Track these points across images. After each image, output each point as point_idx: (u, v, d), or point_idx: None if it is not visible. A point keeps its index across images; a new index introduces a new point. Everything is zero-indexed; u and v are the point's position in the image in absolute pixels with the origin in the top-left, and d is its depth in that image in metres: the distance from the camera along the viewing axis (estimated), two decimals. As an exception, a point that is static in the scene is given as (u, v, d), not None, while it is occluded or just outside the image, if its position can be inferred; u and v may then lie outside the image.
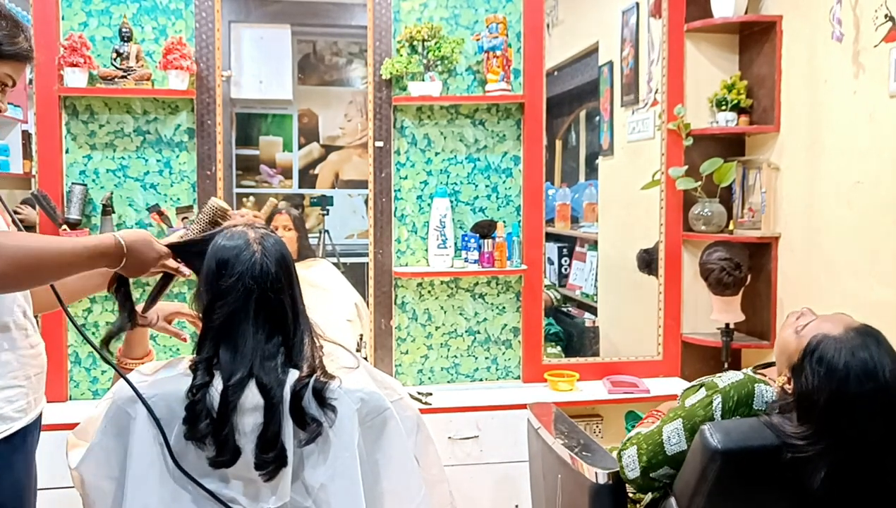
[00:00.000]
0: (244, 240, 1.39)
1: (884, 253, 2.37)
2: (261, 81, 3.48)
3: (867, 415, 1.47)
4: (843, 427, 1.48)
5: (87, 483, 1.40)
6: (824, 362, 1.50)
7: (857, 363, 1.48)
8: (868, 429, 1.48)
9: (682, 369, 3.13)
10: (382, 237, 2.98)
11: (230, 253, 1.38)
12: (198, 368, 1.35)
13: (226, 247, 1.39)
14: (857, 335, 1.52)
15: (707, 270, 2.94)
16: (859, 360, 1.48)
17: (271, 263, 1.38)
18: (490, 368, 3.09)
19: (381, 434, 1.44)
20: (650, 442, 1.70)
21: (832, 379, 1.48)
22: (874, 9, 2.38)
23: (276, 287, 1.38)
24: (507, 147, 3.04)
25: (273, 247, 1.41)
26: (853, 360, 1.48)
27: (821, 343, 1.52)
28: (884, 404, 1.48)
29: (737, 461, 1.54)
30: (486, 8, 2.98)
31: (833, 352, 1.50)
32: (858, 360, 1.48)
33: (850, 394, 1.47)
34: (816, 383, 1.50)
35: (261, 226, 1.46)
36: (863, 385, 1.47)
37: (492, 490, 2.77)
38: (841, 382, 1.48)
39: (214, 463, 1.33)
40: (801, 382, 1.53)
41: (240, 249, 1.38)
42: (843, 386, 1.48)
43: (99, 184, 2.80)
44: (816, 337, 1.54)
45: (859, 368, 1.47)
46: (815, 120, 2.72)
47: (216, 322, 1.36)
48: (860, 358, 1.48)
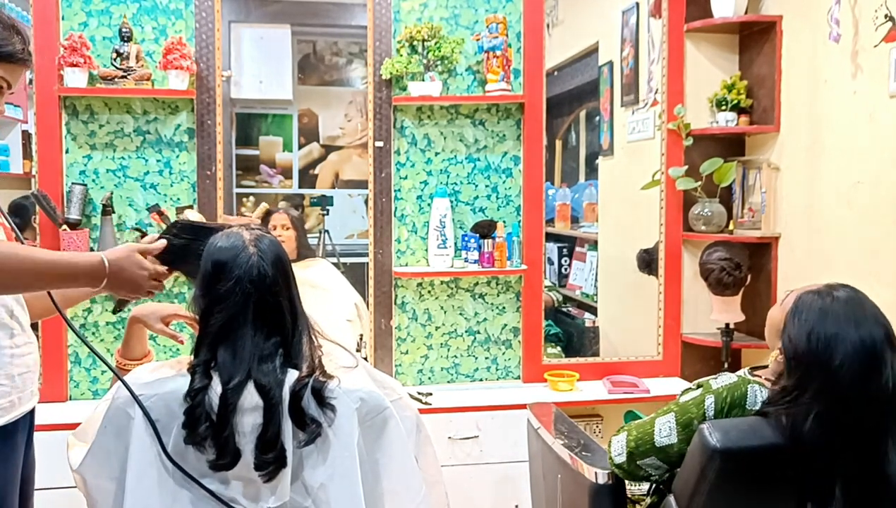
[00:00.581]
0: (241, 242, 1.39)
1: (884, 253, 2.37)
2: (261, 81, 3.48)
3: (851, 355, 1.50)
4: (826, 367, 1.50)
5: (88, 484, 1.41)
6: (803, 310, 1.56)
7: (838, 305, 1.54)
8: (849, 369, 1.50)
9: (682, 369, 3.13)
10: (382, 237, 2.98)
11: (226, 255, 1.37)
12: (196, 371, 1.34)
13: (222, 250, 1.38)
14: (836, 287, 1.59)
15: (707, 270, 2.95)
16: (840, 302, 1.55)
17: (268, 266, 1.37)
18: (490, 368, 3.09)
19: (381, 433, 1.44)
20: (640, 431, 1.72)
21: (816, 321, 1.53)
22: (874, 9, 2.38)
23: (273, 289, 1.37)
24: (507, 147, 3.04)
25: (269, 249, 1.40)
26: (834, 304, 1.54)
27: (800, 298, 1.59)
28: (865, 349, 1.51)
29: (736, 460, 1.54)
30: (486, 8, 2.98)
31: (812, 300, 1.57)
32: (839, 303, 1.54)
33: (830, 334, 1.51)
34: (796, 331, 1.55)
35: (256, 227, 1.45)
36: (842, 326, 1.51)
37: (492, 490, 2.77)
38: (821, 322, 1.53)
39: (215, 466, 1.33)
40: (785, 339, 1.57)
41: (236, 252, 1.37)
42: (822, 326, 1.52)
43: (99, 184, 2.80)
44: (798, 298, 1.60)
45: (840, 310, 1.53)
46: (815, 120, 2.72)
47: (214, 326, 1.35)
48: (840, 300, 1.55)
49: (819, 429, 1.50)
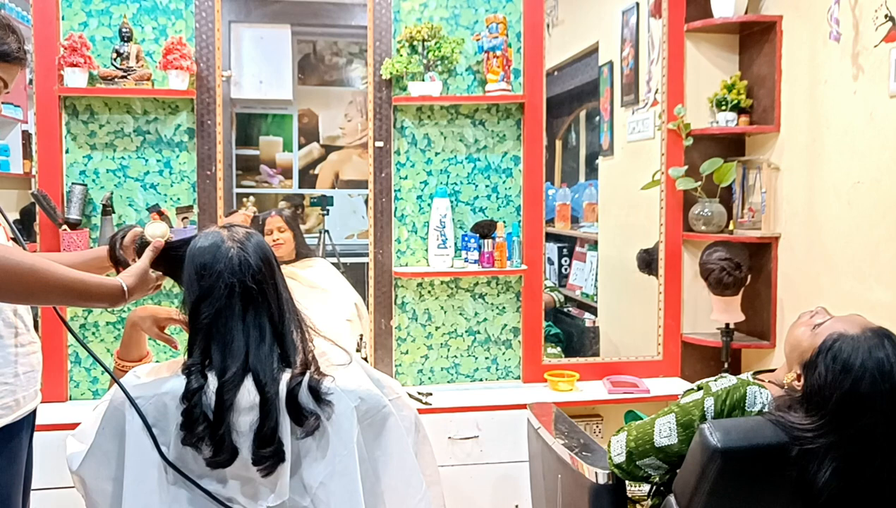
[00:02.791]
0: (219, 239, 1.40)
1: (884, 253, 2.37)
2: (261, 81, 3.48)
3: (880, 414, 1.48)
4: (854, 423, 1.49)
5: (87, 485, 1.41)
6: (839, 360, 1.51)
7: (874, 362, 1.49)
8: (879, 427, 1.49)
9: (682, 369, 3.13)
10: (382, 237, 2.98)
11: (207, 253, 1.39)
12: (191, 372, 1.34)
13: (203, 248, 1.40)
14: (874, 335, 1.53)
15: (707, 270, 2.95)
16: (875, 360, 1.49)
17: (250, 255, 1.39)
18: (490, 368, 3.09)
19: (380, 431, 1.44)
20: (640, 431, 1.72)
21: (847, 376, 1.49)
22: (874, 9, 2.38)
23: (257, 278, 1.38)
24: (507, 147, 3.04)
25: (249, 241, 1.41)
26: (870, 360, 1.49)
27: (836, 341, 1.53)
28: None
29: (737, 460, 1.54)
30: (486, 8, 2.98)
31: (850, 351, 1.51)
32: (875, 360, 1.49)
33: (864, 393, 1.48)
34: (830, 379, 1.51)
35: (239, 225, 1.46)
36: (878, 385, 1.48)
37: (492, 489, 2.77)
38: (856, 381, 1.49)
39: (212, 464, 1.33)
40: (813, 378, 1.54)
41: (216, 247, 1.39)
42: (857, 385, 1.48)
43: (99, 184, 2.80)
44: (832, 335, 1.55)
45: (875, 368, 1.48)
46: (815, 120, 2.72)
47: (203, 322, 1.36)
48: (876, 358, 1.49)
49: (837, 475, 1.49)
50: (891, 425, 1.49)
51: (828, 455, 1.50)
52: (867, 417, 1.48)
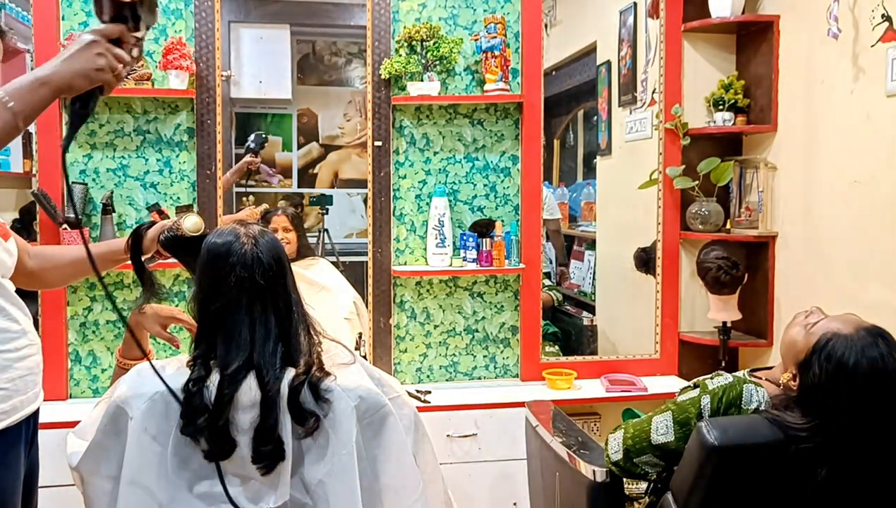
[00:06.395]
0: (235, 235, 1.42)
1: (881, 252, 2.39)
2: (260, 81, 3.48)
3: (875, 412, 1.49)
4: (849, 421, 1.50)
5: (86, 482, 1.41)
6: (833, 359, 1.51)
7: (868, 361, 1.50)
8: (874, 425, 1.50)
9: (680, 367, 3.14)
10: (381, 236, 2.99)
11: (222, 247, 1.40)
12: (195, 363, 1.36)
13: (218, 243, 1.41)
14: (868, 334, 1.53)
15: (704, 269, 2.95)
16: (869, 359, 1.50)
17: (263, 253, 1.40)
18: (488, 366, 3.10)
19: (379, 430, 1.44)
20: (637, 429, 1.73)
21: (841, 375, 1.50)
22: (871, 9, 2.39)
23: (267, 276, 1.39)
24: (505, 146, 3.05)
25: (264, 239, 1.43)
26: (863, 359, 1.50)
27: (830, 340, 1.54)
28: (891, 402, 1.50)
29: (734, 457, 1.55)
30: (484, 8, 2.99)
31: (844, 350, 1.51)
32: (868, 359, 1.50)
33: (858, 391, 1.49)
34: (825, 379, 1.52)
35: (253, 223, 1.48)
36: (871, 383, 1.49)
37: (490, 487, 2.78)
38: (850, 379, 1.49)
39: (209, 456, 1.34)
40: (808, 377, 1.55)
41: (230, 243, 1.40)
42: (852, 383, 1.49)
43: (99, 184, 2.81)
44: (826, 334, 1.55)
45: (869, 366, 1.49)
46: (812, 119, 2.73)
47: (211, 315, 1.38)
48: (870, 357, 1.50)
49: (833, 474, 1.51)
50: (885, 423, 1.50)
51: (824, 454, 1.51)
52: (862, 416, 1.50)
